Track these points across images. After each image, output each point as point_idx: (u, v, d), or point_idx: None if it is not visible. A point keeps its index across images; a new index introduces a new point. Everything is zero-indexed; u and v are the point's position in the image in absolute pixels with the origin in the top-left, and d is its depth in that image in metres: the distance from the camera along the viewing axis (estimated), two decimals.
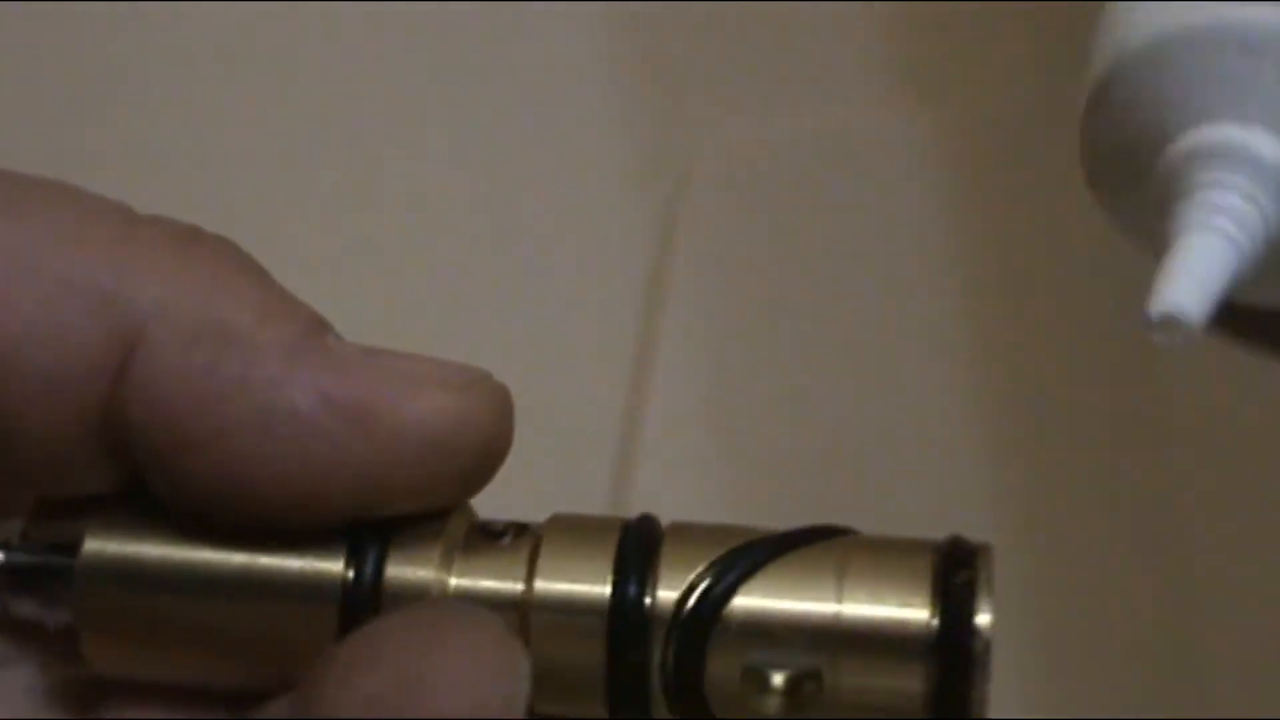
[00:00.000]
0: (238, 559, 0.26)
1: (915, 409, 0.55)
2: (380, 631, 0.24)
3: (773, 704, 0.25)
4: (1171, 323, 0.24)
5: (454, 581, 0.26)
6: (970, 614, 0.25)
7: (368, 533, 0.26)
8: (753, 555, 0.25)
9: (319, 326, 0.26)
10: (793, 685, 0.25)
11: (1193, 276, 0.25)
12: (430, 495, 0.26)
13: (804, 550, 0.26)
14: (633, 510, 0.26)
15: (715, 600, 0.25)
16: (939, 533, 0.25)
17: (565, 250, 0.54)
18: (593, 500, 0.50)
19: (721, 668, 0.25)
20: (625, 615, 0.25)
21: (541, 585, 0.26)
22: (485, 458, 0.26)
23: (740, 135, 0.55)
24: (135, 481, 0.26)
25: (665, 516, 0.27)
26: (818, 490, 0.54)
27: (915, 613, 0.25)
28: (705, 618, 0.25)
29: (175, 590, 0.26)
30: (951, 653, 0.24)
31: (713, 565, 0.25)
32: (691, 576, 0.25)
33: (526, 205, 0.54)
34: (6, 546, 0.27)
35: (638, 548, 0.26)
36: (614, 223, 0.54)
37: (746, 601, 0.25)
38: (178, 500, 0.26)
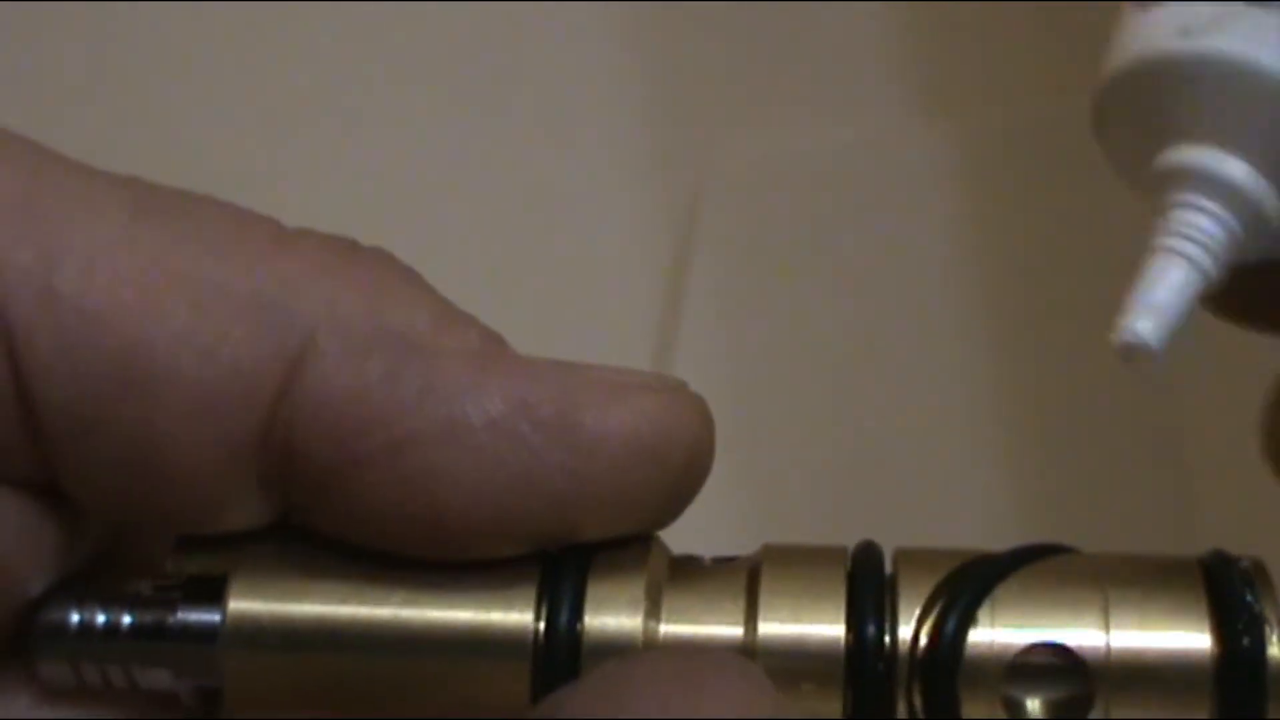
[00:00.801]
0: (410, 610, 0.23)
1: (933, 419, 0.54)
2: (632, 677, 0.21)
3: None
4: (1132, 352, 0.25)
5: (664, 629, 0.23)
6: (1260, 640, 0.23)
7: (559, 572, 0.23)
8: (992, 573, 0.23)
9: (498, 337, 0.23)
10: (1060, 713, 0.23)
11: (1153, 305, 0.25)
12: (634, 513, 0.23)
13: (1053, 569, 0.23)
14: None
15: (958, 628, 0.23)
16: (961, 540, 0.24)
17: (582, 261, 0.54)
18: None
19: (979, 703, 0.23)
20: (866, 659, 0.23)
21: (768, 628, 0.23)
22: (692, 469, 0.23)
23: (757, 148, 0.55)
24: (282, 519, 0.23)
25: (685, 527, 0.24)
26: (836, 500, 0.54)
27: (1196, 639, 0.23)
28: (951, 649, 0.23)
29: (338, 650, 0.23)
30: (1242, 684, 0.22)
31: (949, 589, 0.23)
32: (936, 609, 0.23)
33: (544, 217, 0.54)
34: (138, 601, 0.23)
35: (870, 578, 0.23)
36: (630, 235, 0.55)
37: (1000, 627, 0.23)
38: (345, 534, 0.23)
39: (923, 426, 0.55)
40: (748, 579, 0.23)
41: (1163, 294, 0.25)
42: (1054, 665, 0.23)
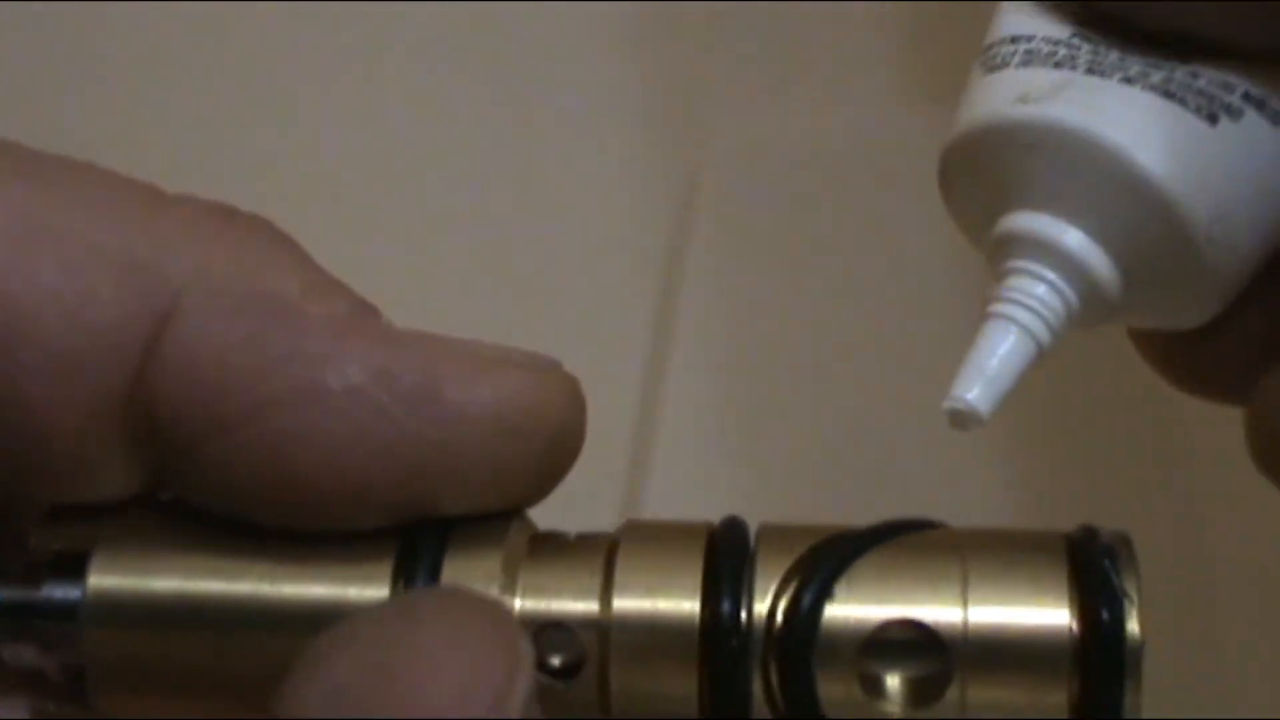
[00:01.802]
0: (268, 585, 0.23)
1: (930, 400, 0.54)
2: (357, 619, 0.21)
3: (896, 709, 0.22)
4: (962, 419, 0.25)
5: (519, 603, 0.23)
6: (1119, 616, 0.22)
7: (419, 543, 0.23)
8: (852, 550, 0.23)
9: (368, 306, 0.23)
10: (914, 691, 0.22)
11: (984, 373, 0.26)
12: (496, 489, 0.23)
13: (915, 544, 0.23)
14: (647, 506, 0.25)
15: (813, 606, 0.22)
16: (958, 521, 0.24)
17: (578, 246, 0.54)
18: (607, 495, 0.50)
19: (834, 682, 0.22)
20: (720, 635, 0.22)
21: (622, 604, 0.23)
22: (559, 448, 0.23)
23: (753, 132, 0.55)
24: (152, 487, 0.23)
25: (679, 511, 0.24)
26: (833, 484, 0.54)
27: (1053, 611, 0.22)
28: (806, 627, 0.22)
29: (197, 626, 0.23)
30: (1101, 661, 0.22)
31: (806, 566, 0.23)
32: (786, 582, 0.23)
33: (540, 202, 0.54)
34: (5, 577, 0.23)
35: (729, 556, 0.23)
36: (627, 219, 0.55)
37: (856, 605, 0.22)
38: (204, 497, 0.23)
39: (919, 407, 0.55)
40: (606, 555, 0.23)
41: (994, 362, 0.26)
42: (912, 641, 0.22)
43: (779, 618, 0.22)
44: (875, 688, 0.22)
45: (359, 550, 0.23)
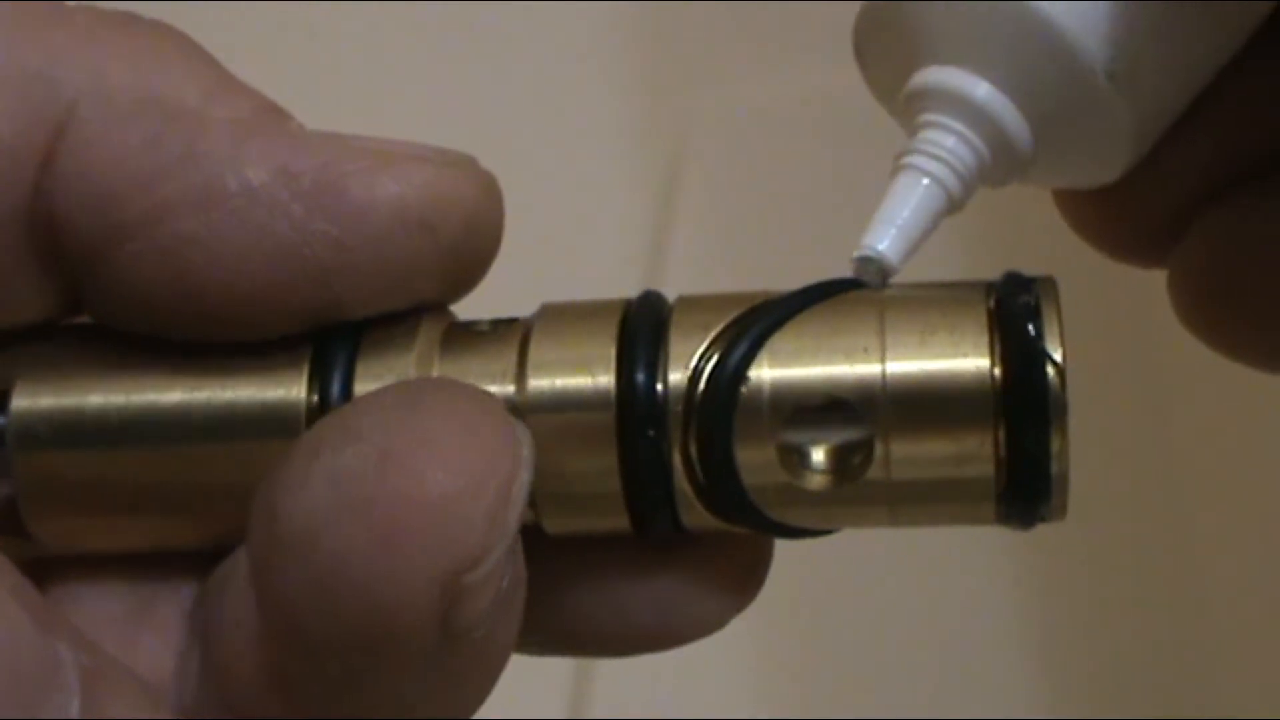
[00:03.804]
0: (181, 394, 0.22)
1: None
2: (355, 407, 0.21)
3: (818, 483, 0.22)
4: (868, 266, 0.25)
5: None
6: (1039, 357, 0.21)
7: (332, 345, 0.22)
8: (771, 317, 0.22)
9: (275, 109, 0.22)
10: (839, 459, 0.22)
11: (894, 223, 0.26)
12: (405, 286, 0.22)
13: (833, 304, 0.23)
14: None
15: (733, 373, 0.22)
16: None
17: (564, 216, 0.55)
18: None
19: (754, 451, 0.22)
20: (635, 406, 0.22)
21: (537, 382, 0.22)
22: (469, 243, 0.23)
23: (740, 100, 0.55)
24: (67, 310, 0.23)
25: None
26: None
27: (972, 359, 0.21)
28: (725, 395, 0.22)
29: (121, 441, 0.22)
30: (1023, 405, 0.21)
31: (726, 334, 0.22)
32: (705, 351, 0.22)
33: (524, 172, 0.54)
34: None
35: (643, 327, 0.22)
36: (614, 188, 0.55)
37: (773, 371, 0.22)
38: (116, 315, 0.22)
39: None
40: (521, 338, 0.23)
41: (905, 212, 0.26)
42: (833, 407, 0.22)
43: (700, 385, 0.22)
44: (795, 456, 0.22)
45: (273, 357, 0.22)
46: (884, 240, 0.25)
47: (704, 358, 0.22)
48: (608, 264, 0.55)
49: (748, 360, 0.22)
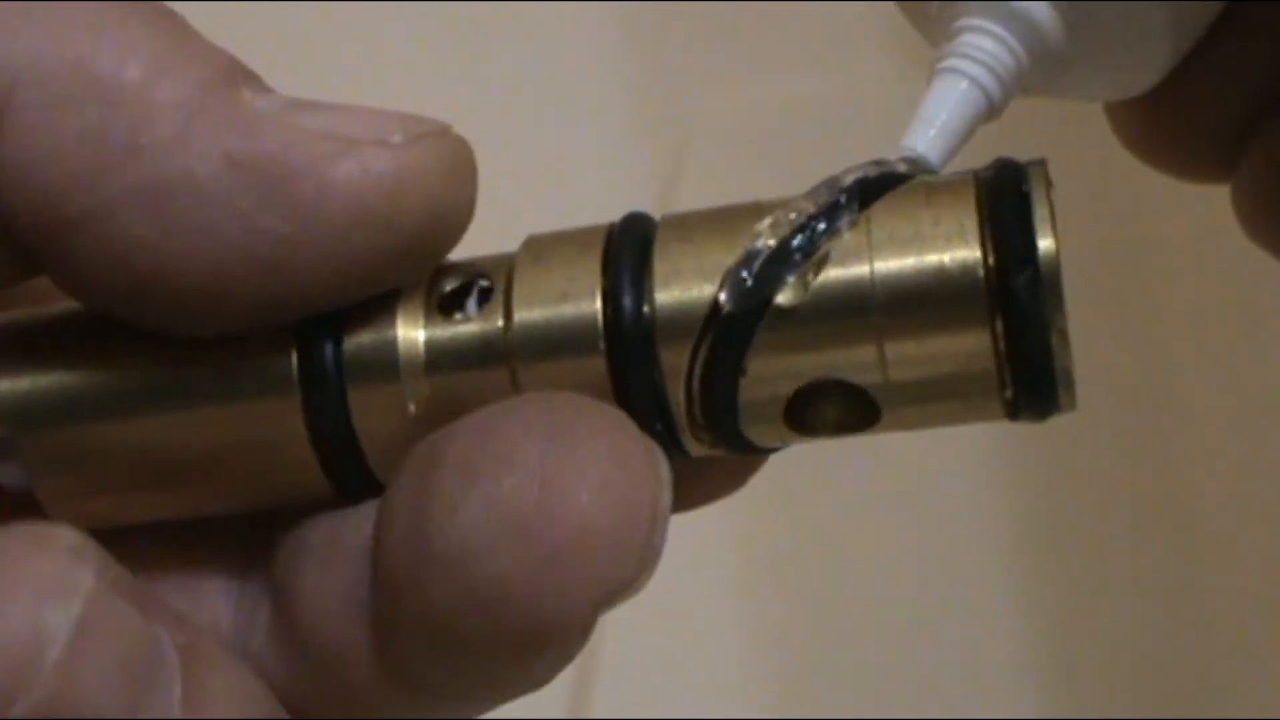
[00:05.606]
0: (167, 367, 0.22)
1: None
2: (508, 434, 0.20)
3: (830, 420, 0.22)
4: (913, 168, 0.25)
5: (424, 334, 0.22)
6: (1029, 242, 0.21)
7: (310, 344, 0.22)
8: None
9: (230, 76, 0.21)
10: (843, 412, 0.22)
11: (933, 124, 0.25)
12: (369, 279, 0.21)
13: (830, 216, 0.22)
14: None
15: (754, 303, 0.21)
16: (953, 518, 0.22)
17: (566, 213, 0.54)
18: None
19: (752, 384, 0.21)
20: (624, 333, 0.22)
21: (524, 315, 0.22)
22: (433, 228, 0.21)
23: (743, 99, 0.55)
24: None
25: None
26: (827, 451, 0.54)
27: (962, 251, 0.21)
28: (739, 322, 0.21)
29: (123, 413, 0.22)
30: (1016, 293, 0.20)
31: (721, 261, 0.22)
32: (696, 277, 0.22)
33: (524, 172, 0.55)
34: None
35: (628, 249, 0.22)
36: (614, 188, 0.55)
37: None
38: (79, 298, 0.22)
39: None
40: (506, 277, 0.22)
41: (944, 115, 0.25)
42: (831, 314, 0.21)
43: (692, 314, 0.22)
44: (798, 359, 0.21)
45: (253, 353, 0.22)
46: (923, 141, 0.25)
47: (694, 285, 0.22)
48: None
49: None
